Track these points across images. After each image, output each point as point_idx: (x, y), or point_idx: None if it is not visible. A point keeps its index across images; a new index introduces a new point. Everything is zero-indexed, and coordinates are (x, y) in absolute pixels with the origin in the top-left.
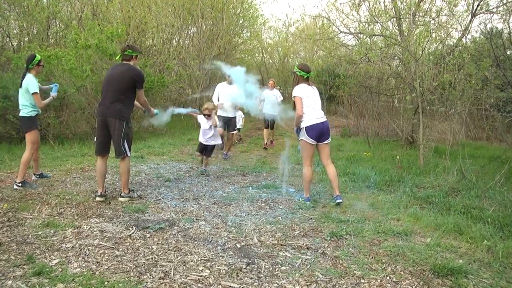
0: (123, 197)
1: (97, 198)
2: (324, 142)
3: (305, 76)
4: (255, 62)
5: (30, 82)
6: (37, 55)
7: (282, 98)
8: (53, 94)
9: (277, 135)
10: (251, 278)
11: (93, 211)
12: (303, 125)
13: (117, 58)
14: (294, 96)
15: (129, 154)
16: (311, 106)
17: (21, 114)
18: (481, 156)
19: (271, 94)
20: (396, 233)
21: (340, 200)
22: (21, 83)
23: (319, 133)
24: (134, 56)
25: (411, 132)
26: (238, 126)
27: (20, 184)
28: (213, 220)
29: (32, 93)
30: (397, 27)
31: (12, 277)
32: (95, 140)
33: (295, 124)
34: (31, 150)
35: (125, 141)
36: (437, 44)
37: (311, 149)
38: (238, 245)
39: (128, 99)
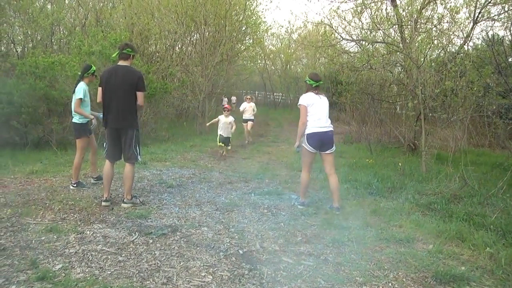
0: (125, 203)
1: (103, 203)
2: (327, 152)
3: (314, 85)
4: (257, 69)
5: (79, 88)
6: (92, 66)
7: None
8: (95, 120)
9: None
10: (253, 284)
11: (96, 217)
12: (305, 132)
13: (114, 55)
14: (299, 104)
15: (140, 159)
16: (315, 114)
17: (73, 120)
18: (483, 163)
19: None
20: (398, 239)
21: (338, 213)
22: (74, 90)
23: (319, 142)
24: (132, 56)
25: (413, 139)
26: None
27: (75, 185)
28: (216, 226)
29: (77, 98)
30: (399, 34)
31: (15, 282)
32: (105, 145)
33: (299, 132)
34: (81, 156)
35: (137, 145)
36: (439, 51)
37: (311, 156)
38: (241, 251)
39: (135, 105)
